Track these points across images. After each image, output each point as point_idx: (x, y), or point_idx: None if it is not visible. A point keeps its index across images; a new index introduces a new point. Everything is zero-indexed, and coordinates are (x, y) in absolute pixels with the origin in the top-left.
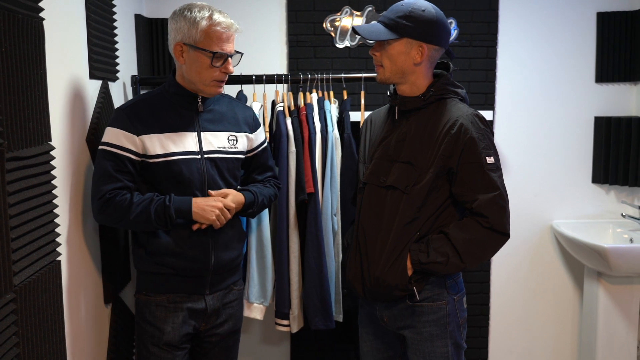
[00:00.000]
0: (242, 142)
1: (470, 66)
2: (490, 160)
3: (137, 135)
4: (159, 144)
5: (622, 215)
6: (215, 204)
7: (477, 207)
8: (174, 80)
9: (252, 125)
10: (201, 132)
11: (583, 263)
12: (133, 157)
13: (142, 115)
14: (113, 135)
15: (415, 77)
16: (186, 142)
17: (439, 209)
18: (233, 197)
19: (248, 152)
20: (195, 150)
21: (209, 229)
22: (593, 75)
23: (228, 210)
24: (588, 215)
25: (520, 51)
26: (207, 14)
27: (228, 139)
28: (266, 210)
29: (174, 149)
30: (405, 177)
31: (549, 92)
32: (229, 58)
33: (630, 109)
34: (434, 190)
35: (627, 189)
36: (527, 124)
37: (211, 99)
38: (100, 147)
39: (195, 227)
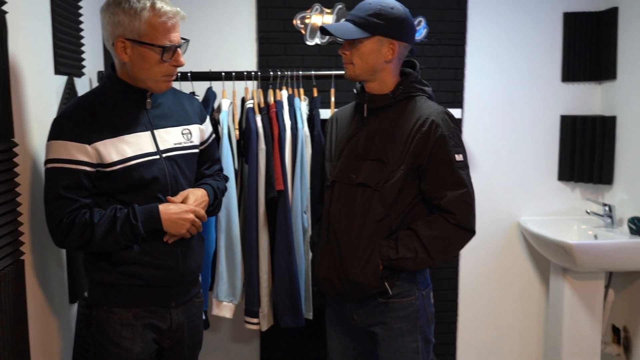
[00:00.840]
0: (196, 134)
1: (440, 64)
2: (459, 157)
3: (89, 144)
4: (114, 150)
5: (587, 212)
6: (186, 217)
7: (445, 204)
8: (116, 78)
9: (201, 115)
10: (154, 130)
11: (549, 259)
12: (88, 169)
13: (89, 121)
14: (61, 149)
15: (385, 75)
16: (142, 143)
17: (409, 205)
18: (198, 199)
19: (201, 144)
20: (153, 150)
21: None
22: (559, 75)
23: (200, 218)
24: (554, 212)
25: (489, 50)
26: (147, 3)
27: (182, 133)
28: (235, 208)
29: (130, 152)
30: (376, 174)
31: (516, 91)
32: (178, 49)
33: (595, 107)
34: (405, 188)
35: (592, 186)
36: (495, 122)
37: (156, 95)
38: (47, 165)
39: (167, 239)
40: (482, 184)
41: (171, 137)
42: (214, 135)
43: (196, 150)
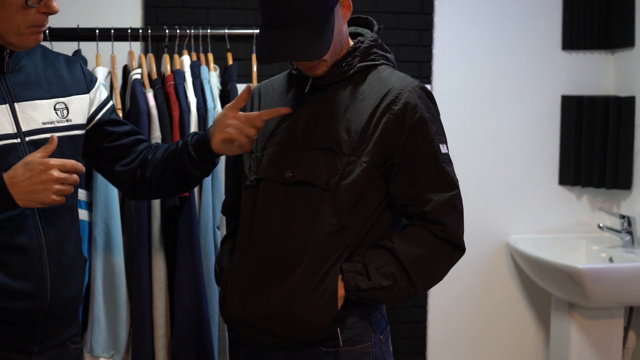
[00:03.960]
0: (77, 110)
1: (399, 24)
2: (443, 149)
3: None
4: None
5: (599, 227)
6: (45, 177)
7: (431, 212)
8: None
9: (83, 80)
10: (15, 104)
11: (549, 291)
12: None
13: None
14: None
15: (336, 42)
16: None
17: (373, 214)
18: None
19: (90, 120)
20: (11, 131)
21: (42, 239)
22: (559, 41)
23: (70, 171)
24: (555, 228)
25: (466, 7)
26: None
27: (55, 109)
28: (118, 221)
29: None
30: (325, 168)
31: (503, 63)
32: None
33: (608, 85)
34: (369, 188)
35: (605, 192)
36: (474, 105)
37: (18, 54)
38: None
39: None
40: None
41: (38, 114)
42: (112, 102)
43: (78, 132)
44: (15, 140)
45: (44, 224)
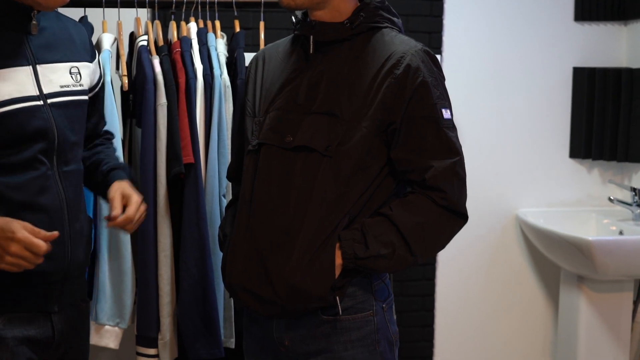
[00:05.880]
0: (86, 76)
1: None
2: (446, 114)
3: None
4: None
5: (610, 199)
6: (6, 244)
7: (431, 179)
8: None
9: (91, 50)
10: (37, 66)
11: (558, 264)
12: None
13: None
14: None
15: (339, 0)
16: (20, 82)
17: (374, 181)
18: (134, 208)
19: (90, 90)
20: (35, 93)
21: (63, 200)
22: (572, 12)
23: (33, 252)
24: (565, 201)
25: None
26: None
27: (71, 72)
28: None
29: (5, 94)
30: (326, 133)
31: (513, 35)
32: None
33: (620, 57)
34: (369, 154)
35: (616, 165)
36: (485, 76)
37: (38, 15)
38: None
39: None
40: (467, 163)
41: (57, 77)
42: (102, 79)
43: (86, 98)
44: (38, 103)
45: (65, 185)
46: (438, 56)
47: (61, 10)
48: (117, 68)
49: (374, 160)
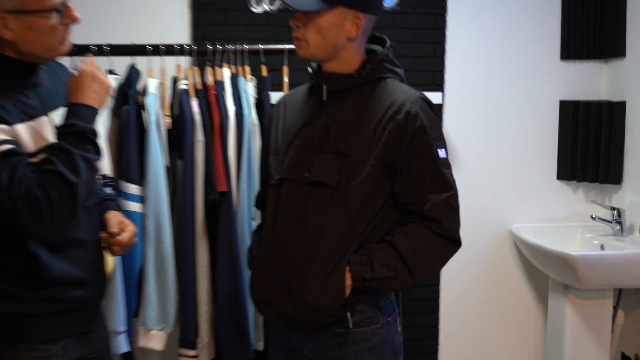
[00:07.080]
0: None
1: (415, 38)
2: (442, 153)
3: (10, 125)
4: (31, 137)
5: (592, 217)
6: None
7: (428, 210)
8: (5, 57)
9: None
10: (50, 114)
11: (547, 274)
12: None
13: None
14: None
15: (348, 53)
16: (48, 132)
17: (379, 211)
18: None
19: None
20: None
21: (93, 233)
22: (558, 52)
23: None
24: (553, 217)
25: (474, 21)
26: None
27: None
28: (167, 214)
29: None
30: (336, 170)
31: (507, 72)
32: (66, 2)
33: (601, 91)
34: (375, 188)
35: (598, 186)
36: (482, 109)
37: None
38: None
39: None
40: (466, 184)
41: (60, 121)
42: None
43: None
44: None
45: (90, 219)
46: (439, 93)
47: (114, 58)
48: (162, 108)
49: (379, 194)
